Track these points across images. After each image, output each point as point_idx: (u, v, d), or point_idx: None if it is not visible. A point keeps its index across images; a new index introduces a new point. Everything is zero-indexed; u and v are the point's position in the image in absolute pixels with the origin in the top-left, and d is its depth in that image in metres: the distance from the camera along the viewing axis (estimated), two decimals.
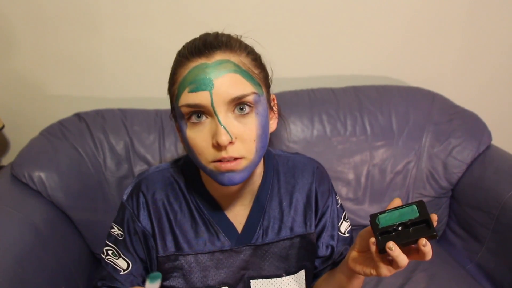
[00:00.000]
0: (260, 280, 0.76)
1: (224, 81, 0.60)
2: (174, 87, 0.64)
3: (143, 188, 0.75)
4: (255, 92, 0.62)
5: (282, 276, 0.77)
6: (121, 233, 0.75)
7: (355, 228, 1.35)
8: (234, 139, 0.61)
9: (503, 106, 1.63)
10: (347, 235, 0.83)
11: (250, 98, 0.61)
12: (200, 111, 0.61)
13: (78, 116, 1.26)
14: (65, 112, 1.30)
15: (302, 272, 0.79)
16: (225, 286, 0.75)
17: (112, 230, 0.77)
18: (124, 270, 0.75)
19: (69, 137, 1.20)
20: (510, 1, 1.44)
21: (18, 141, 1.47)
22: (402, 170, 1.34)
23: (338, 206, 0.83)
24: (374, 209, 1.35)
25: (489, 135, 1.34)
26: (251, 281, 0.76)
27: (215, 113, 0.60)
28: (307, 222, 0.78)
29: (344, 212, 0.84)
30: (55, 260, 1.01)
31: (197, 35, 0.71)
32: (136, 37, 1.36)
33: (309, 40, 1.42)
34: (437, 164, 1.34)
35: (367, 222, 1.33)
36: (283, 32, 1.39)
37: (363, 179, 1.34)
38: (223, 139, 0.59)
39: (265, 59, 0.70)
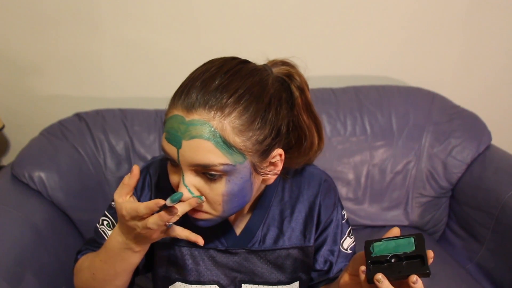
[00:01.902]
0: (252, 285, 0.75)
1: (191, 146, 0.56)
2: (165, 118, 0.63)
3: (152, 170, 0.75)
4: (226, 164, 0.57)
5: (275, 285, 0.75)
6: None
7: (355, 228, 1.35)
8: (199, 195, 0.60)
9: (503, 106, 1.63)
10: (350, 251, 0.80)
11: (217, 168, 0.57)
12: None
13: (78, 116, 1.26)
14: (65, 112, 1.30)
15: (296, 284, 0.77)
16: (215, 284, 0.75)
17: (113, 203, 0.75)
18: None
19: (69, 137, 1.20)
20: (509, 2, 1.44)
21: (18, 141, 1.47)
22: (402, 170, 1.34)
23: (344, 221, 0.80)
24: (374, 209, 1.35)
25: (489, 135, 1.34)
26: (242, 285, 0.76)
27: (181, 169, 0.59)
28: (306, 235, 0.76)
29: (350, 228, 0.82)
30: (55, 260, 1.01)
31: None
32: (136, 37, 1.36)
33: (309, 40, 1.42)
34: (437, 164, 1.34)
35: (367, 222, 1.35)
36: (283, 32, 1.39)
37: (363, 179, 1.34)
38: (184, 197, 0.58)
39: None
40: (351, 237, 0.81)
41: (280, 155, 0.65)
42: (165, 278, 0.76)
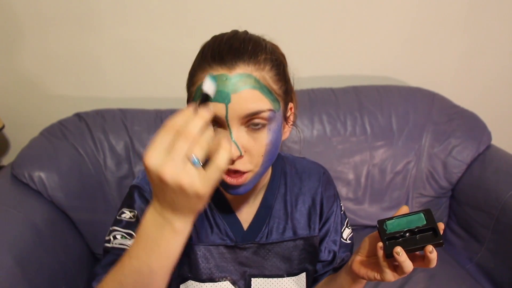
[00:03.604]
0: (261, 279, 0.77)
1: (241, 96, 0.59)
2: (192, 89, 0.64)
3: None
4: (271, 109, 0.61)
5: (283, 277, 0.77)
6: (133, 214, 0.71)
7: (355, 228, 1.35)
8: (244, 152, 0.61)
9: (503, 106, 1.63)
10: (349, 241, 0.84)
11: (265, 115, 0.60)
12: (213, 121, 0.61)
13: (78, 116, 1.26)
14: (65, 112, 1.30)
15: (303, 274, 0.79)
16: (227, 280, 0.76)
17: (123, 215, 0.71)
18: None
19: (69, 137, 1.20)
20: (509, 2, 1.44)
21: (18, 141, 1.47)
22: (402, 170, 1.34)
23: (342, 212, 0.84)
24: (374, 209, 1.35)
25: (489, 135, 1.34)
26: (252, 279, 0.77)
27: (228, 126, 0.60)
28: (311, 225, 0.79)
29: (347, 219, 0.86)
30: (55, 260, 1.01)
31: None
32: (136, 37, 1.36)
33: (309, 40, 1.42)
34: (437, 164, 1.34)
35: (367, 222, 1.35)
36: (283, 32, 1.39)
37: (363, 179, 1.34)
38: (232, 154, 0.59)
39: (290, 69, 0.69)
40: (349, 227, 0.85)
41: (291, 109, 0.71)
42: (177, 277, 0.76)
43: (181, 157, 0.45)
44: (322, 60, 1.48)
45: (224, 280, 0.76)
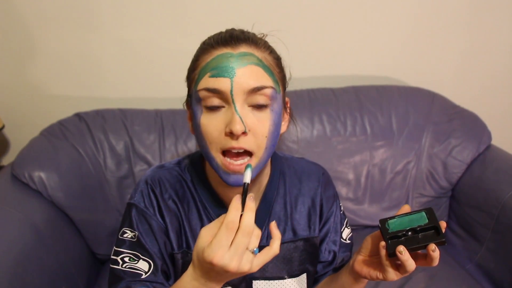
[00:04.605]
0: (263, 281, 0.76)
1: (246, 71, 0.61)
2: (195, 73, 0.65)
3: (154, 186, 0.74)
4: (274, 88, 0.63)
5: (285, 279, 0.77)
6: (134, 234, 0.72)
7: (355, 228, 1.35)
8: (248, 131, 0.61)
9: (503, 106, 1.63)
10: (349, 241, 0.84)
11: (268, 92, 0.62)
12: (217, 98, 0.62)
13: (78, 116, 1.26)
14: (65, 112, 1.30)
15: (304, 275, 0.79)
16: (229, 286, 0.75)
17: (125, 235, 0.72)
18: (146, 273, 0.70)
19: (69, 137, 1.20)
20: (509, 2, 1.44)
21: (18, 141, 1.47)
22: (402, 170, 1.34)
23: (341, 212, 0.84)
24: (374, 209, 1.35)
25: (489, 135, 1.34)
26: (253, 281, 0.76)
27: (233, 101, 0.61)
28: (311, 226, 0.79)
29: (346, 219, 0.85)
30: (55, 260, 1.01)
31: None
32: (136, 37, 1.36)
33: (309, 40, 1.42)
34: (437, 164, 1.34)
35: (367, 222, 1.35)
36: (282, 32, 1.39)
37: (363, 179, 1.34)
38: (237, 128, 0.59)
39: (285, 62, 0.71)
40: (348, 227, 0.85)
41: (287, 103, 0.73)
42: None
43: (243, 250, 0.53)
44: (322, 60, 1.48)
45: (226, 286, 0.75)
